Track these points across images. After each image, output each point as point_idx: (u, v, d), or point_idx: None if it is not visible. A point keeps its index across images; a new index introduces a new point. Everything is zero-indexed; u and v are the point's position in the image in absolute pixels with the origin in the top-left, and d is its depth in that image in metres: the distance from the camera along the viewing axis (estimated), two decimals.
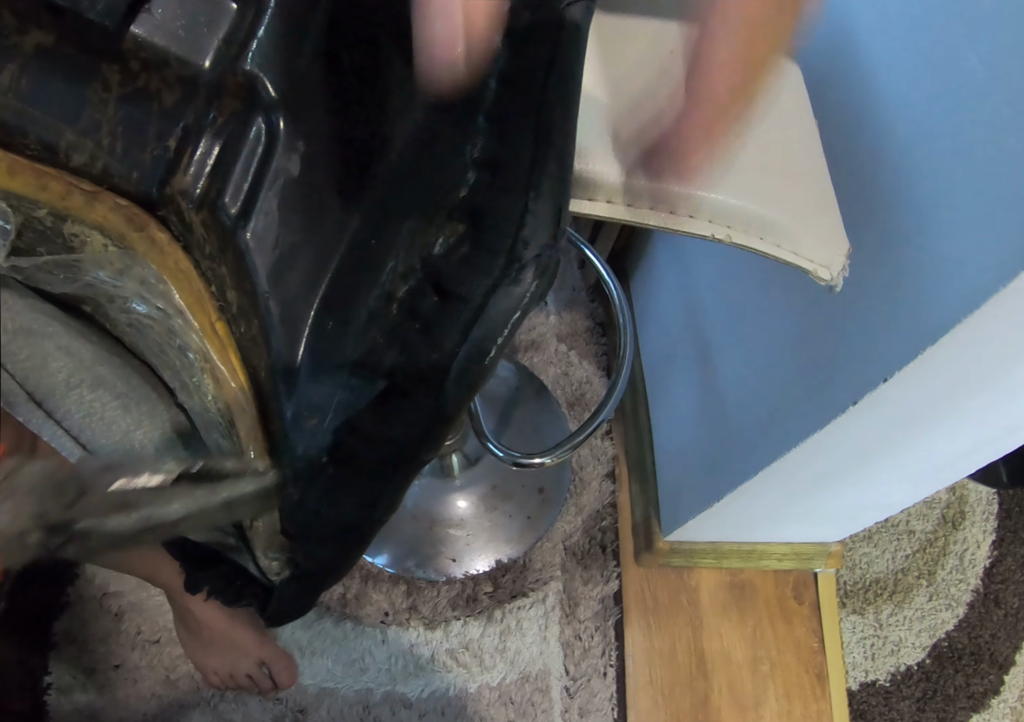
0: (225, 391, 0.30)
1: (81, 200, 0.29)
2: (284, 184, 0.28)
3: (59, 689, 1.14)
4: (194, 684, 1.16)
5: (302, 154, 0.29)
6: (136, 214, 0.29)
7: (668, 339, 1.25)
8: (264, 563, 0.31)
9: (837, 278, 0.47)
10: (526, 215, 0.27)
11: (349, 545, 0.31)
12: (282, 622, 0.33)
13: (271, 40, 0.28)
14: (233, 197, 0.28)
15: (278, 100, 0.28)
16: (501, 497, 1.29)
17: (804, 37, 0.29)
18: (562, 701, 1.18)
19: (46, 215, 0.29)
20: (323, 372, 0.28)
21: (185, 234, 0.29)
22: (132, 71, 0.28)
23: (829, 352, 0.75)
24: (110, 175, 0.29)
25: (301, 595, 0.32)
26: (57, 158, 0.28)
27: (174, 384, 0.31)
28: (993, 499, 1.42)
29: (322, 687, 1.16)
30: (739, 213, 0.44)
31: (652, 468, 1.26)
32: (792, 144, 0.51)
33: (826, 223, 0.48)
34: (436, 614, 1.21)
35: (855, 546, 1.34)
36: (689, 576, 1.27)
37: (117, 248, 0.29)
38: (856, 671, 1.26)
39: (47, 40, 0.27)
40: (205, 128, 0.29)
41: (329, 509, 0.29)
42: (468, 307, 0.26)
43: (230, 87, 0.29)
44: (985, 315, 0.54)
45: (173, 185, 0.29)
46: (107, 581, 1.20)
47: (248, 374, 0.30)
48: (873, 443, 0.78)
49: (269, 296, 0.28)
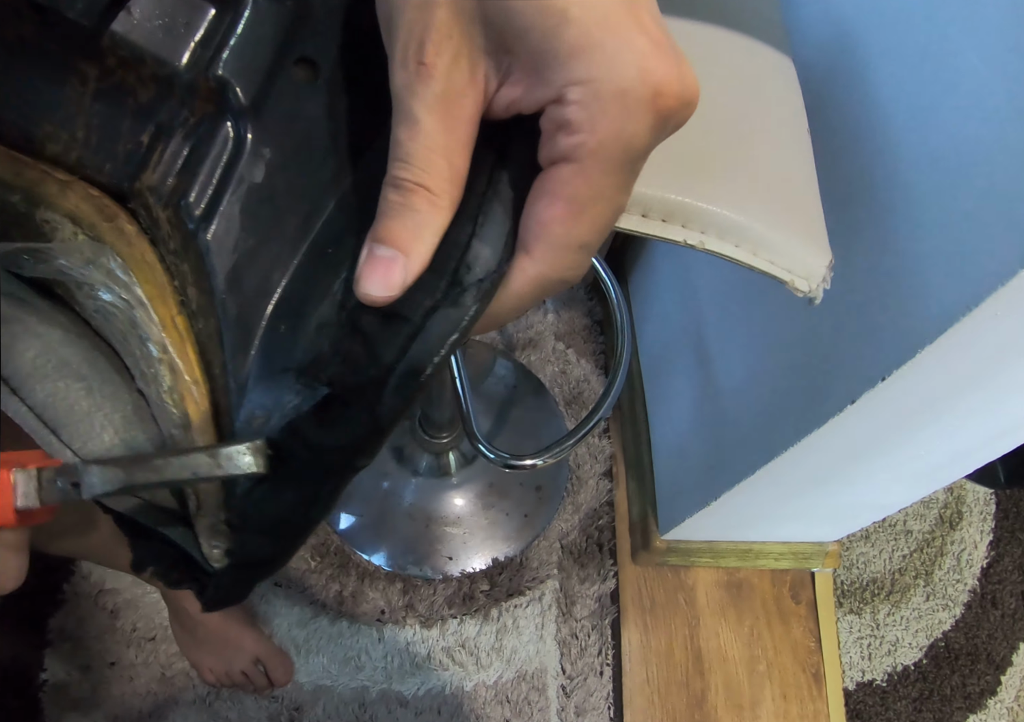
0: (180, 383, 0.30)
1: (54, 188, 0.29)
2: (248, 189, 0.29)
3: (54, 686, 1.14)
4: (190, 681, 1.16)
5: (267, 161, 0.29)
6: (107, 205, 0.30)
7: (666, 337, 1.25)
8: (207, 550, 0.32)
9: (816, 290, 0.45)
10: (472, 239, 0.28)
11: (284, 540, 0.32)
12: (218, 607, 0.34)
13: (245, 46, 0.29)
14: (197, 199, 0.29)
15: (247, 106, 0.29)
16: (498, 495, 1.29)
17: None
18: (558, 699, 1.18)
19: (20, 201, 0.29)
20: (273, 374, 0.29)
21: (152, 228, 0.30)
22: (109, 67, 0.29)
23: (826, 351, 0.75)
24: (83, 166, 0.30)
25: (237, 584, 0.33)
26: (32, 147, 0.29)
27: (135, 372, 0.32)
28: (990, 499, 1.42)
29: (318, 685, 1.16)
30: (715, 219, 0.43)
31: (649, 467, 1.26)
32: (779, 145, 0.49)
33: (808, 232, 0.46)
34: (432, 612, 1.21)
35: (852, 546, 1.34)
36: (686, 575, 1.26)
37: (87, 237, 0.30)
38: (853, 671, 1.26)
39: (28, 33, 0.28)
40: (177, 128, 0.30)
41: (268, 504, 0.30)
42: (408, 325, 0.27)
43: (202, 90, 0.29)
44: (983, 314, 0.53)
45: (143, 180, 0.30)
46: (103, 578, 1.20)
47: (203, 369, 0.31)
48: (870, 442, 0.78)
49: (225, 298, 0.29)
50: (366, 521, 1.26)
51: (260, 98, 0.29)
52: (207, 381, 0.31)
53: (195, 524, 0.32)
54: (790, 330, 0.84)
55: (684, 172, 0.43)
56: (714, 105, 0.47)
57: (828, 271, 0.45)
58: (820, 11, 0.72)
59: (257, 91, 0.29)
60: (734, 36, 0.50)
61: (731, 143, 0.46)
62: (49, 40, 0.28)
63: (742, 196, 0.44)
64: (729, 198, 0.43)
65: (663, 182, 0.42)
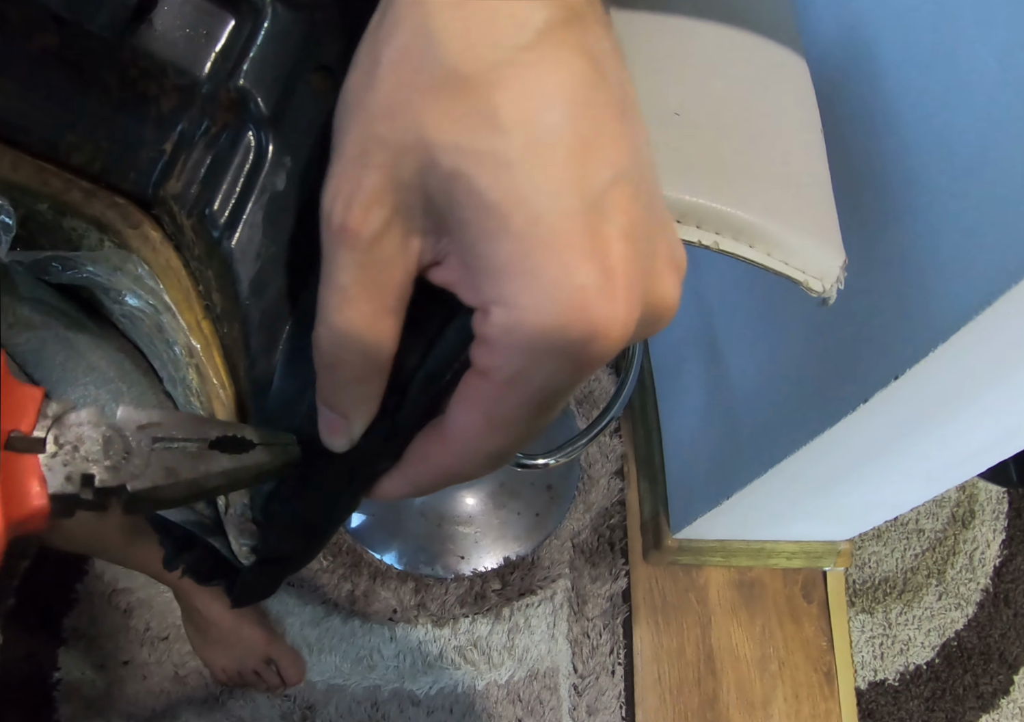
0: (207, 386, 0.31)
1: (80, 196, 0.30)
2: (270, 198, 0.29)
3: (68, 685, 1.14)
4: (203, 680, 1.16)
5: (288, 170, 0.30)
6: (131, 212, 0.30)
7: (677, 336, 1.25)
8: (236, 547, 0.32)
9: (830, 290, 0.45)
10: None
11: (308, 538, 0.33)
12: (246, 603, 0.35)
13: (265, 56, 0.29)
14: (221, 207, 0.29)
15: (268, 116, 0.29)
16: (509, 495, 1.29)
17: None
18: (570, 699, 1.18)
19: (47, 209, 0.30)
20: (297, 379, 0.30)
21: (176, 234, 0.31)
22: (131, 78, 0.29)
23: (839, 350, 0.75)
24: (108, 175, 0.30)
25: (263, 580, 0.34)
26: (58, 157, 0.29)
27: (162, 374, 0.33)
28: (1003, 498, 1.41)
29: (330, 684, 1.17)
30: (729, 219, 0.42)
31: (661, 466, 1.25)
32: (793, 146, 0.49)
33: (822, 233, 0.46)
34: (444, 611, 1.21)
35: (864, 545, 1.34)
36: (698, 574, 1.26)
37: (113, 244, 0.30)
38: (865, 670, 1.25)
39: (52, 45, 0.28)
40: (199, 137, 0.30)
41: (295, 503, 0.30)
42: (426, 333, 0.27)
43: (223, 100, 0.30)
44: (996, 313, 0.53)
45: (167, 189, 0.30)
46: (116, 578, 1.20)
47: (229, 372, 0.31)
48: (883, 441, 0.78)
49: (250, 304, 0.29)
50: (378, 520, 1.27)
51: (281, 107, 0.29)
52: (232, 384, 0.31)
53: (225, 522, 0.32)
54: (802, 329, 0.83)
55: (698, 173, 0.43)
56: (727, 106, 0.47)
57: (842, 271, 0.45)
58: (833, 11, 0.72)
59: (277, 100, 0.29)
60: (747, 36, 0.50)
61: (744, 144, 0.46)
62: (72, 52, 0.29)
63: (756, 197, 0.44)
64: (743, 199, 0.43)
65: (677, 183, 0.42)
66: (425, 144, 0.22)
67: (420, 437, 0.28)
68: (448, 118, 0.22)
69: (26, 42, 0.28)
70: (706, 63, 0.48)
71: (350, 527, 1.25)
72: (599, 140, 0.22)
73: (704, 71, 0.48)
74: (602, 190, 0.22)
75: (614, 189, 0.22)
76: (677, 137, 0.44)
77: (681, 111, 0.45)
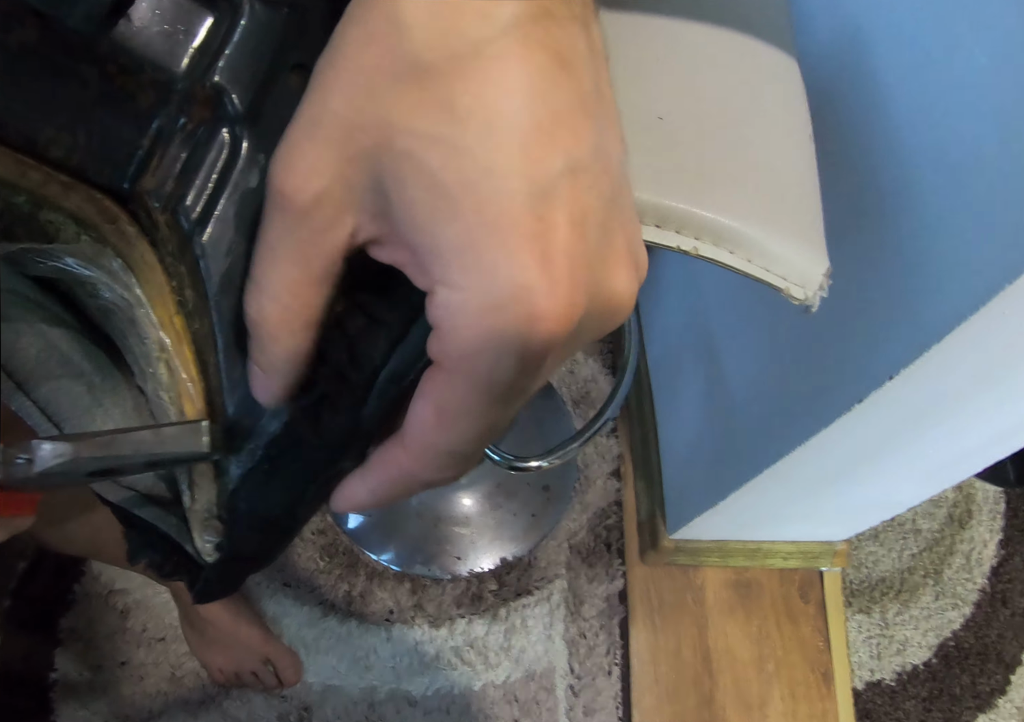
0: (177, 381, 0.31)
1: (58, 189, 0.30)
2: (242, 195, 0.29)
3: (65, 685, 1.14)
4: (200, 681, 1.17)
5: (262, 167, 0.29)
6: (108, 206, 0.30)
7: (674, 337, 1.25)
8: (199, 544, 0.33)
9: (813, 298, 0.44)
10: None
11: (272, 537, 0.33)
12: (208, 600, 0.35)
13: (241, 54, 0.29)
14: (194, 202, 0.29)
15: (243, 113, 0.29)
16: (506, 495, 1.29)
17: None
18: (567, 699, 1.18)
19: (24, 202, 0.30)
20: None
21: (152, 230, 0.31)
22: (109, 73, 0.29)
23: (835, 350, 0.75)
24: (85, 169, 0.30)
25: (226, 577, 0.34)
26: (36, 151, 0.30)
27: (134, 368, 0.33)
28: (1000, 498, 1.41)
29: (327, 684, 1.17)
30: (709, 225, 0.42)
31: (658, 466, 1.26)
32: (779, 150, 0.48)
33: (806, 240, 0.45)
34: (441, 612, 1.21)
35: (861, 545, 1.34)
36: (694, 575, 1.26)
37: (90, 238, 0.30)
38: (862, 670, 1.25)
39: (30, 39, 0.28)
40: (176, 133, 0.30)
41: (258, 501, 0.31)
42: (391, 333, 0.27)
43: (199, 97, 0.30)
44: (991, 312, 0.53)
45: (143, 184, 0.30)
46: (113, 578, 1.21)
47: (199, 368, 0.31)
48: (879, 441, 0.78)
49: (219, 299, 0.30)
50: (375, 521, 1.27)
51: (256, 105, 0.29)
52: (203, 380, 0.31)
53: (189, 518, 0.33)
54: (798, 329, 0.83)
55: (679, 177, 0.43)
56: (713, 110, 0.46)
57: (825, 279, 0.44)
58: (827, 10, 0.72)
59: (253, 98, 0.29)
60: (738, 38, 0.50)
61: (728, 148, 0.45)
62: (51, 46, 0.29)
63: (738, 202, 0.43)
64: (724, 204, 0.42)
65: (657, 187, 0.41)
66: (381, 125, 0.22)
67: (382, 443, 0.28)
68: (407, 103, 0.22)
69: (4, 36, 0.28)
70: (693, 66, 0.48)
71: (347, 528, 1.25)
72: (555, 131, 0.22)
73: (691, 74, 0.47)
74: (553, 178, 0.22)
75: (568, 178, 0.22)
76: (659, 141, 0.44)
77: (665, 115, 0.44)
